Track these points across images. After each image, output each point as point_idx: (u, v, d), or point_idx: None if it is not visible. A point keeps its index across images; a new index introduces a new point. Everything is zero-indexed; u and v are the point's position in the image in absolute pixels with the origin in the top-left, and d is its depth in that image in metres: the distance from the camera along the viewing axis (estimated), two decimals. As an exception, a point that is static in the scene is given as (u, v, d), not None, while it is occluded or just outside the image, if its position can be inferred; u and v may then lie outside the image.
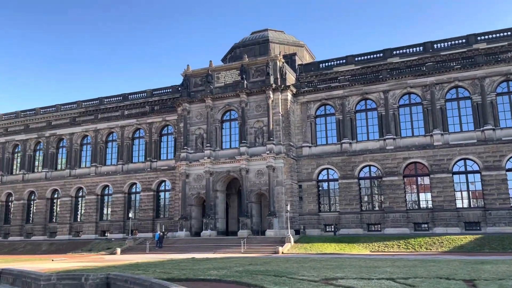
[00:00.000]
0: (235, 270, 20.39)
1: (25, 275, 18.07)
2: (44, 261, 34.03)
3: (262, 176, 49.38)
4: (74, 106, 73.54)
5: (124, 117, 61.83)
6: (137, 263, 27.48)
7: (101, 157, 62.02)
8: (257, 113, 51.42)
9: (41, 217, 63.39)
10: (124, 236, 55.90)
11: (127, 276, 15.11)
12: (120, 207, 58.64)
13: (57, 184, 63.56)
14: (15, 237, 63.58)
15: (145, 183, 58.08)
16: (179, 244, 47.34)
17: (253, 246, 42.69)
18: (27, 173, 66.32)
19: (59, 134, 65.54)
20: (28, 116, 76.31)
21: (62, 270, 21.61)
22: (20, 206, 65.37)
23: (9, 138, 68.99)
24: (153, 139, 59.37)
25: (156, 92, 68.34)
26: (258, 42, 63.99)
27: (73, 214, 61.95)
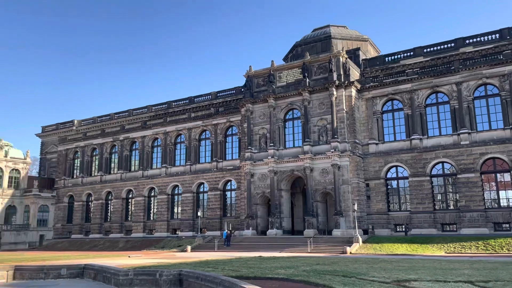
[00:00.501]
0: (302, 269, 20.28)
1: (105, 270, 19.35)
2: (122, 257, 36.17)
3: (327, 175, 48.68)
4: (145, 111, 77.75)
5: (191, 119, 64.01)
6: (206, 260, 28.30)
7: (170, 158, 64.73)
8: (320, 111, 50.78)
9: (118, 216, 67.54)
10: (193, 234, 57.88)
11: (198, 273, 15.61)
12: (190, 206, 60.81)
13: (131, 184, 67.35)
14: (95, 235, 68.32)
15: (212, 183, 59.71)
16: (245, 242, 48.09)
17: (319, 246, 42.22)
18: (105, 175, 70.96)
19: (132, 137, 69.37)
20: (104, 121, 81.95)
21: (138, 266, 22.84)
22: (99, 206, 70.13)
23: (88, 142, 74.27)
24: (218, 140, 60.86)
25: (220, 94, 70.14)
26: (320, 39, 63.20)
27: (146, 213, 65.29)
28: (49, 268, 21.63)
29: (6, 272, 20.99)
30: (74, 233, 71.00)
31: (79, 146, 74.98)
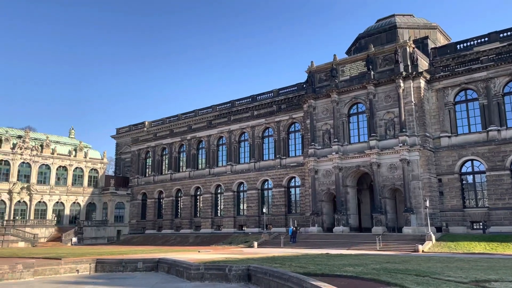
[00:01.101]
0: (371, 267, 19.77)
1: (178, 264, 20.25)
2: (192, 252, 37.57)
3: (395, 170, 46.93)
4: (210, 110, 80.00)
5: (254, 117, 64.76)
6: (273, 256, 28.55)
7: (235, 156, 66.02)
8: (386, 104, 49.02)
9: (187, 212, 70.22)
10: (259, 230, 58.63)
11: (266, 269, 15.82)
12: (255, 202, 61.65)
13: (199, 182, 69.67)
14: (167, 230, 71.60)
15: (276, 180, 60.03)
16: (311, 239, 47.81)
17: (389, 244, 40.84)
18: (174, 173, 74.08)
19: (198, 136, 71.69)
20: (172, 121, 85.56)
21: (208, 260, 23.60)
22: (169, 203, 73.40)
23: (158, 142, 77.93)
24: (281, 137, 61.00)
25: (282, 91, 70.25)
26: (385, 29, 60.96)
27: (213, 210, 67.22)
28: (127, 261, 23.08)
29: (89, 265, 22.73)
30: (148, 229, 74.95)
31: (150, 146, 78.94)
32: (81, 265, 22.46)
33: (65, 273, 21.44)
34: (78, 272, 21.88)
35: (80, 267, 22.23)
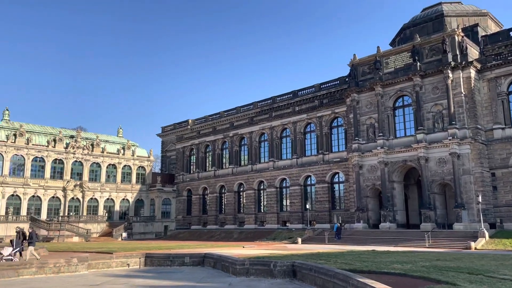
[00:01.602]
0: (421, 265, 19.16)
1: (223, 260, 20.56)
2: (236, 248, 38.05)
3: (444, 165, 45.12)
4: (251, 107, 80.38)
5: (295, 113, 64.41)
6: (318, 252, 28.34)
7: (277, 152, 66.01)
8: (434, 96, 47.19)
9: (231, 208, 71.13)
10: (303, 226, 58.38)
11: (311, 265, 15.73)
12: (298, 198, 61.40)
13: (241, 178, 70.32)
14: (212, 226, 72.90)
15: (319, 176, 59.46)
16: (356, 236, 47.01)
17: (438, 241, 39.41)
18: (217, 170, 75.22)
19: (240, 133, 72.30)
20: (215, 119, 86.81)
21: (253, 256, 23.80)
22: (214, 199, 74.66)
23: (201, 140, 79.39)
24: (323, 132, 60.28)
25: (324, 86, 69.37)
26: (431, 18, 58.65)
27: (257, 205, 67.65)
28: (174, 256, 23.72)
29: (138, 259, 23.56)
30: (193, 224, 76.65)
31: (194, 143, 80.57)
32: (132, 259, 23.31)
33: (117, 266, 22.34)
34: (128, 266, 22.72)
35: (130, 261, 23.08)
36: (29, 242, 24.59)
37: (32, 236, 24.76)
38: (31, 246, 24.31)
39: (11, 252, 23.70)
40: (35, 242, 25.13)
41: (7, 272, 18.40)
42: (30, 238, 24.75)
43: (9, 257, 23.02)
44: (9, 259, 22.37)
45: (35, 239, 25.18)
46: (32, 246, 24.46)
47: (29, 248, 24.18)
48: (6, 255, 23.28)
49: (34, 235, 24.93)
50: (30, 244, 24.47)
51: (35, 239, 25.43)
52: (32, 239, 24.70)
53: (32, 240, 24.70)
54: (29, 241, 24.67)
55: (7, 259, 22.64)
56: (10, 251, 23.81)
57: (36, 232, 26.90)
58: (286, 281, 16.52)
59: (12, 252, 23.87)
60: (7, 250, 23.90)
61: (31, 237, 24.71)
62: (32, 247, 24.40)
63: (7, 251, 23.72)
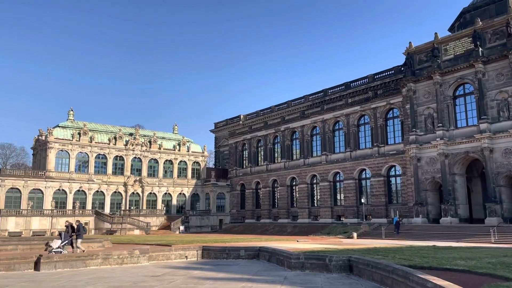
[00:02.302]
0: (486, 261, 18.11)
1: (278, 253, 20.66)
2: (290, 242, 38.05)
3: (511, 156, 42.26)
4: (302, 101, 79.75)
5: (348, 105, 63.06)
6: (375, 247, 27.68)
7: (329, 146, 65.07)
8: (498, 83, 44.25)
9: (284, 202, 71.21)
10: (358, 221, 57.23)
11: (369, 260, 15.39)
12: (352, 192, 60.24)
13: (294, 172, 70.13)
14: (265, 220, 73.44)
15: (374, 169, 57.92)
16: (415, 230, 45.35)
17: (505, 236, 37.06)
18: (270, 164, 75.54)
19: (292, 127, 72.02)
20: (266, 114, 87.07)
21: (307, 250, 23.69)
22: (266, 193, 75.13)
23: (253, 135, 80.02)
24: (378, 124, 58.55)
25: (378, 76, 67.27)
26: (493, 0, 54.85)
27: (310, 200, 67.20)
28: (230, 249, 24.19)
29: (196, 252, 24.28)
30: (247, 218, 77.64)
31: (246, 138, 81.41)
32: (189, 251, 24.07)
33: (175, 259, 23.16)
34: (186, 258, 23.48)
35: (188, 254, 23.84)
36: (77, 234, 25.30)
37: (80, 228, 25.43)
38: (79, 239, 25.07)
39: (59, 245, 24.48)
40: (82, 234, 25.82)
41: (76, 263, 19.68)
42: (77, 231, 25.42)
43: (58, 250, 23.78)
44: (58, 251, 23.11)
45: (82, 232, 25.82)
46: (79, 238, 25.18)
47: (78, 240, 24.99)
48: (55, 248, 24.08)
49: (81, 228, 25.62)
50: (78, 236, 25.18)
51: (83, 232, 26.07)
52: (79, 232, 25.38)
53: (80, 232, 25.38)
54: (76, 233, 25.37)
55: (56, 251, 23.40)
56: (59, 243, 24.61)
57: (83, 225, 27.68)
58: (343, 276, 16.30)
59: (61, 244, 24.63)
60: (56, 242, 24.74)
61: (79, 229, 25.37)
62: (80, 239, 25.16)
63: (56, 243, 24.54)
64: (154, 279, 15.98)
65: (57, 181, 74.04)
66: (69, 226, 26.41)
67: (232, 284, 14.45)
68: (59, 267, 19.00)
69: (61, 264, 19.20)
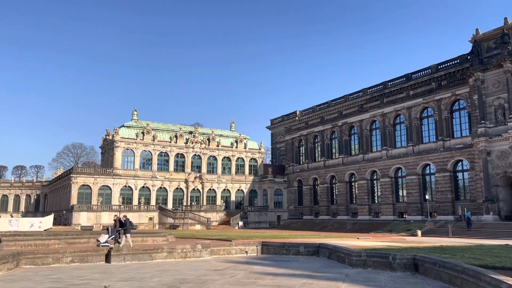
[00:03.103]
0: None
1: (338, 250, 20.33)
2: (351, 239, 37.31)
3: None
4: (360, 94, 77.79)
5: (410, 97, 60.54)
6: (441, 246, 26.40)
7: (390, 140, 62.89)
8: None
9: (343, 198, 69.93)
10: (422, 218, 54.89)
11: (436, 259, 14.72)
12: (415, 189, 57.83)
13: (353, 168, 68.61)
14: (324, 216, 72.61)
15: (439, 164, 55.17)
16: (485, 228, 42.69)
17: None
18: (327, 160, 74.50)
19: (349, 122, 70.46)
20: (322, 109, 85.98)
21: (369, 248, 23.11)
22: (324, 189, 74.19)
23: (310, 130, 79.29)
24: (443, 117, 55.65)
25: (442, 66, 64.04)
26: None
27: (370, 196, 65.42)
28: (289, 245, 24.18)
29: (255, 247, 24.52)
30: (305, 215, 77.21)
31: (302, 134, 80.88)
32: (249, 247, 24.36)
33: (236, 253, 23.56)
34: (246, 253, 23.80)
35: (248, 249, 24.14)
36: (124, 229, 25.65)
37: (127, 223, 25.75)
38: (126, 234, 25.48)
39: (107, 239, 24.93)
40: (129, 229, 26.11)
41: (143, 256, 20.65)
42: (124, 226, 25.70)
43: (106, 244, 24.22)
44: (105, 245, 23.60)
45: (129, 227, 26.11)
46: (127, 233, 25.56)
47: (126, 235, 25.44)
48: (103, 242, 24.54)
49: (128, 223, 25.94)
50: (125, 231, 25.57)
51: (130, 227, 26.31)
52: (126, 227, 25.67)
53: (127, 227, 25.70)
54: (124, 228, 25.68)
55: (104, 245, 23.83)
56: (106, 237, 25.07)
57: (130, 220, 27.97)
58: (407, 275, 15.71)
59: (108, 238, 25.10)
60: (103, 237, 25.24)
61: (125, 224, 25.70)
62: (128, 234, 25.57)
63: (103, 238, 25.05)
64: (216, 273, 16.38)
65: (123, 178, 78.14)
66: (117, 220, 26.82)
67: (292, 280, 14.44)
68: (127, 260, 20.04)
69: (130, 257, 20.23)
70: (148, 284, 13.65)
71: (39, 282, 13.98)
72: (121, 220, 26.53)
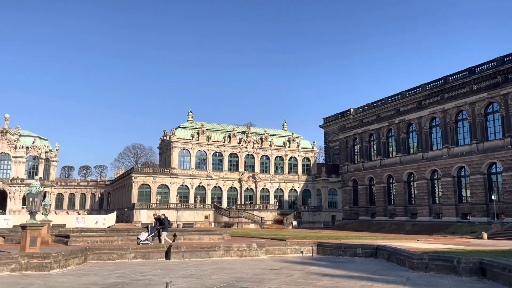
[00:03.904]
0: None
1: (398, 253, 19.64)
2: (410, 241, 35.91)
3: None
4: (419, 90, 74.73)
5: (473, 92, 57.19)
6: (510, 250, 24.71)
7: (452, 138, 59.78)
8: None
9: (401, 199, 67.43)
10: (488, 219, 51.69)
11: (505, 263, 13.81)
12: (480, 189, 54.54)
13: (411, 167, 65.97)
14: (380, 217, 70.46)
15: (506, 162, 51.64)
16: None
17: None
18: (383, 159, 72.20)
19: (407, 119, 67.80)
20: (378, 106, 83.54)
21: (431, 250, 22.11)
22: (381, 189, 71.97)
23: (365, 129, 77.26)
24: (510, 112, 52.01)
25: (508, 58, 59.98)
26: None
27: (430, 196, 62.55)
28: (346, 246, 23.72)
29: (311, 247, 24.32)
30: (361, 215, 75.38)
31: (357, 133, 79.02)
32: (304, 247, 24.21)
33: (291, 253, 23.50)
34: (302, 254, 23.66)
35: (303, 249, 24.00)
36: (162, 227, 26.08)
37: (164, 222, 26.13)
38: (164, 232, 25.99)
39: (147, 237, 25.50)
40: (167, 228, 26.61)
41: (200, 254, 21.17)
42: (162, 224, 26.10)
43: (146, 242, 24.81)
44: (145, 243, 24.12)
45: (167, 225, 26.54)
46: (165, 231, 26.04)
47: (163, 233, 25.93)
48: (143, 240, 25.16)
49: (166, 221, 26.34)
50: (163, 229, 26.01)
51: (168, 225, 26.72)
52: (164, 225, 26.07)
53: (165, 226, 26.12)
54: (162, 226, 26.10)
55: (144, 243, 24.34)
56: (146, 235, 25.64)
57: (168, 219, 28.35)
58: (473, 280, 14.86)
59: (148, 236, 25.65)
60: (143, 235, 25.85)
61: (164, 223, 26.09)
62: (165, 232, 26.06)
63: (143, 236, 25.67)
64: (272, 272, 16.42)
65: (180, 177, 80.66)
66: (157, 218, 27.27)
67: (350, 282, 14.14)
68: (186, 257, 20.64)
69: (188, 254, 20.82)
70: (207, 281, 13.96)
71: (106, 276, 14.75)
72: (160, 218, 26.92)
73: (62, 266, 16.04)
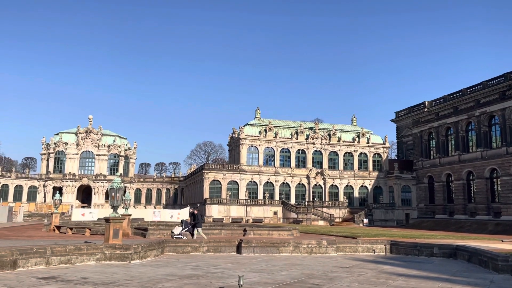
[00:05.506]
0: None
1: (480, 254, 18.35)
2: (493, 242, 33.40)
3: None
4: (502, 80, 69.17)
5: None
6: None
7: (542, 130, 54.44)
8: None
9: (482, 196, 62.81)
10: None
11: None
12: None
13: (494, 163, 61.16)
14: (459, 216, 66.16)
15: None
16: None
17: None
18: (462, 154, 67.67)
19: (489, 111, 62.89)
20: (456, 98, 78.58)
21: (518, 252, 20.38)
22: (460, 186, 67.55)
23: (441, 122, 72.90)
24: None
25: None
26: None
27: (516, 194, 57.58)
28: (422, 245, 22.62)
29: (384, 246, 23.50)
30: (437, 213, 71.38)
31: (432, 126, 74.84)
32: (377, 245, 23.45)
33: (363, 251, 22.88)
34: (374, 252, 22.94)
35: (376, 247, 23.26)
36: (195, 223, 26.44)
37: (198, 217, 26.47)
38: (198, 227, 26.24)
39: (180, 232, 25.98)
40: (200, 223, 26.89)
41: (271, 249, 21.37)
42: (196, 220, 26.47)
43: (179, 236, 25.21)
44: (178, 237, 24.48)
45: (200, 220, 26.88)
46: (198, 227, 26.26)
47: (198, 229, 26.20)
48: (176, 234, 25.63)
49: (199, 217, 26.72)
50: (196, 225, 26.32)
51: (201, 220, 27.06)
52: (198, 220, 26.40)
53: (198, 221, 26.43)
54: (195, 222, 26.48)
55: (177, 237, 24.77)
56: (180, 230, 26.14)
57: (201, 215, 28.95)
58: None
59: (182, 231, 26.11)
60: (177, 229, 26.38)
61: (197, 218, 26.45)
62: (199, 228, 26.29)
63: (177, 230, 26.21)
64: (343, 270, 16.13)
65: (249, 173, 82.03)
66: (191, 213, 28.12)
67: (427, 283, 13.46)
68: (256, 252, 20.95)
69: (258, 249, 21.12)
70: (277, 276, 14.06)
71: (181, 268, 15.44)
72: (194, 214, 27.59)
73: (141, 257, 17.05)
